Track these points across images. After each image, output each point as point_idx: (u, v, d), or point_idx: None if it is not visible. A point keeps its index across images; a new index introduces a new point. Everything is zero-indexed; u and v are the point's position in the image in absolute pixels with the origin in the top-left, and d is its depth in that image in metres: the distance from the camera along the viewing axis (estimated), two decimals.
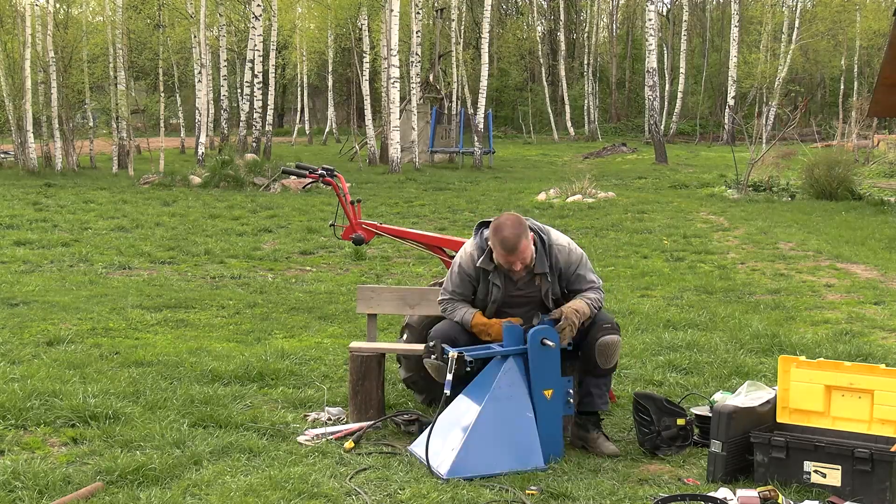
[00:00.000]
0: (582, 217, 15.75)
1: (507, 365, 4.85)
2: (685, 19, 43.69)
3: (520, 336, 4.87)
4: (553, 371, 4.86)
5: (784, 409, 4.77)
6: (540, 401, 4.83)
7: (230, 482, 4.40)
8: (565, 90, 45.50)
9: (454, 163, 29.47)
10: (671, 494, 4.30)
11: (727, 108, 35.72)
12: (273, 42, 32.82)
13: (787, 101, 30.99)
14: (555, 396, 4.85)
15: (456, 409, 4.91)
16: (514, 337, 4.89)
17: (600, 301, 5.12)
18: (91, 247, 12.48)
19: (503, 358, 4.88)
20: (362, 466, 4.70)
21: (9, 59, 24.83)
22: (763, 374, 6.22)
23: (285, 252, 12.46)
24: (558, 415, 4.87)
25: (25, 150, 24.09)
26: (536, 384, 4.84)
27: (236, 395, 5.84)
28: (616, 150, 33.98)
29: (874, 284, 9.87)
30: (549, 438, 4.81)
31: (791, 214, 15.94)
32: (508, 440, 4.73)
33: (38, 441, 4.93)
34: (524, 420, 4.78)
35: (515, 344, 4.88)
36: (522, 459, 4.69)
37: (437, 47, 34.62)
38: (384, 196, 18.73)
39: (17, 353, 6.73)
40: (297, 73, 42.57)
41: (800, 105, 22.46)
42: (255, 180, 20.46)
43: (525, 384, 4.84)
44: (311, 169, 6.71)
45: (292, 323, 8.17)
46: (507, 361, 4.86)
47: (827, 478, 4.38)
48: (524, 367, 4.86)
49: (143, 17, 32.07)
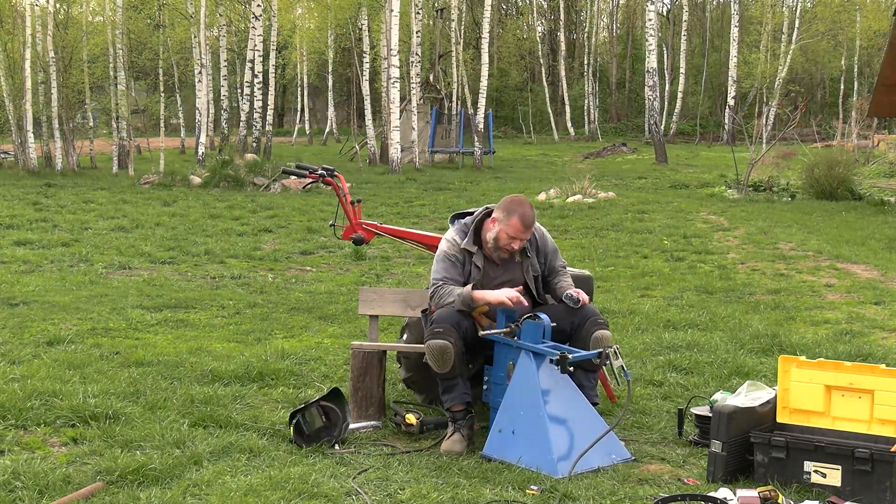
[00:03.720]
0: (582, 217, 15.75)
1: (518, 365, 4.92)
2: (685, 19, 43.67)
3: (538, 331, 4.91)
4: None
5: (784, 409, 4.78)
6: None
7: (230, 482, 4.40)
8: (565, 90, 45.48)
9: (454, 163, 29.46)
10: (671, 494, 4.30)
11: (727, 108, 35.70)
12: (273, 42, 32.81)
13: (787, 101, 30.96)
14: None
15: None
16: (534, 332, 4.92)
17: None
18: (91, 247, 12.48)
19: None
20: (362, 467, 4.70)
21: (9, 59, 24.81)
22: (763, 374, 6.22)
23: (285, 252, 12.46)
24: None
25: (25, 150, 24.08)
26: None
27: (236, 395, 5.84)
28: (616, 150, 33.96)
29: (874, 284, 9.87)
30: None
31: (791, 214, 15.94)
32: (523, 440, 4.77)
33: (38, 441, 4.93)
34: (536, 419, 4.80)
35: (534, 339, 4.91)
36: (535, 459, 4.68)
37: (437, 47, 34.61)
38: (384, 196, 18.72)
39: (17, 353, 6.73)
40: (297, 73, 42.54)
41: (800, 105, 22.43)
42: (256, 180, 20.46)
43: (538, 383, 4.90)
44: (311, 169, 6.72)
45: (292, 323, 8.17)
46: (519, 361, 4.92)
47: (827, 478, 4.38)
48: None
49: (143, 17, 32.07)
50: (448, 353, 4.97)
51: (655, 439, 5.19)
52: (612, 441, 4.83)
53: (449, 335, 4.99)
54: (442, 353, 4.98)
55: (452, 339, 4.99)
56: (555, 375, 4.81)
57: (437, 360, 5.01)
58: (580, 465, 4.61)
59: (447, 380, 5.09)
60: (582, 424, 4.80)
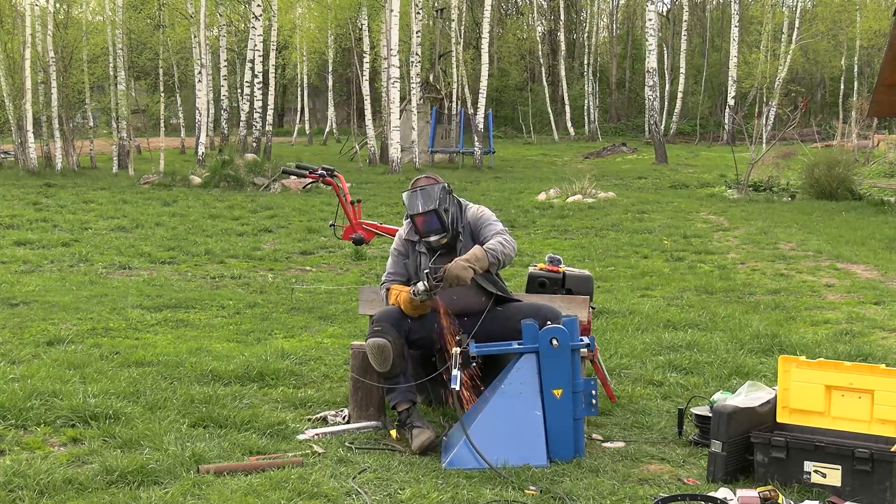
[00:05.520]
0: (582, 217, 15.75)
1: (520, 363, 4.89)
2: (685, 19, 43.70)
3: (535, 334, 4.89)
4: (562, 371, 4.86)
5: (784, 409, 4.78)
6: (550, 400, 4.85)
7: (230, 482, 4.40)
8: (565, 90, 45.49)
9: (454, 163, 29.46)
10: (671, 494, 4.30)
11: (727, 108, 35.71)
12: (273, 42, 32.81)
13: (787, 101, 30.93)
14: (565, 396, 4.86)
15: (476, 404, 4.98)
16: (529, 335, 4.91)
17: (505, 242, 5.17)
18: (91, 247, 12.48)
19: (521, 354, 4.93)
20: (362, 467, 4.70)
21: (9, 59, 24.82)
22: (763, 374, 6.22)
23: (285, 252, 12.46)
24: (568, 414, 4.86)
25: (25, 150, 24.09)
26: (546, 383, 4.87)
27: (236, 395, 5.84)
28: (616, 150, 33.97)
29: (874, 284, 9.87)
30: (558, 438, 4.83)
31: (791, 214, 15.94)
32: (512, 436, 4.76)
33: (38, 441, 4.93)
34: (531, 418, 4.81)
35: (531, 342, 4.90)
36: (524, 456, 4.71)
37: (437, 47, 34.64)
38: (384, 196, 18.72)
39: (17, 353, 6.73)
40: (297, 73, 42.55)
41: (800, 105, 22.43)
42: (256, 180, 20.46)
43: (538, 383, 4.87)
44: (311, 169, 6.73)
45: (292, 323, 8.16)
46: (522, 359, 4.89)
47: (827, 478, 4.38)
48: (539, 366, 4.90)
49: (143, 17, 32.08)
50: (386, 351, 4.97)
51: (655, 439, 5.19)
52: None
53: (387, 333, 5.01)
54: (381, 351, 4.99)
55: (391, 337, 5.00)
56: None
57: (377, 359, 5.02)
58: (469, 462, 4.66)
59: (389, 378, 5.08)
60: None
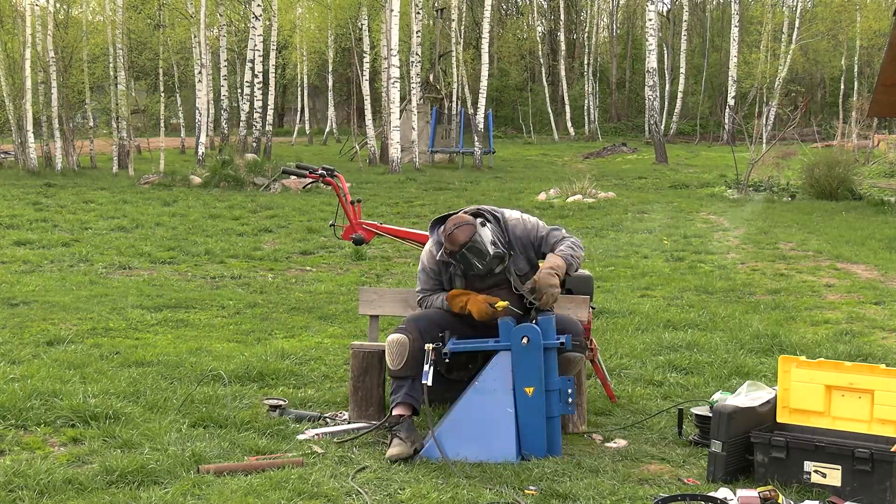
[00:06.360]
0: (582, 217, 15.75)
1: (495, 360, 4.92)
2: (685, 19, 43.70)
3: (510, 332, 4.90)
4: (534, 369, 4.86)
5: (784, 409, 4.78)
6: (521, 398, 4.86)
7: (230, 482, 4.40)
8: (565, 90, 45.49)
9: (454, 163, 29.46)
10: (671, 494, 4.30)
11: (727, 108, 35.70)
12: (273, 42, 32.81)
13: (787, 101, 30.94)
14: (537, 394, 4.86)
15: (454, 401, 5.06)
16: (506, 332, 4.92)
17: (575, 246, 5.10)
18: (91, 247, 12.48)
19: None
20: (362, 466, 4.70)
21: (9, 59, 24.82)
22: (763, 374, 6.22)
23: (285, 252, 12.46)
24: (540, 412, 4.86)
25: (25, 150, 24.08)
26: (518, 381, 4.88)
27: (236, 395, 5.84)
28: (616, 150, 33.98)
29: (874, 284, 9.87)
30: (531, 435, 4.85)
31: (791, 214, 15.95)
32: (484, 432, 4.84)
33: (38, 441, 4.93)
34: (503, 415, 4.86)
35: (506, 339, 4.91)
36: (495, 451, 4.78)
37: (437, 47, 34.64)
38: (384, 196, 18.73)
39: (17, 353, 6.73)
40: (297, 73, 42.54)
41: (800, 105, 22.46)
42: (256, 180, 20.46)
43: (510, 380, 4.90)
44: (311, 169, 6.71)
45: (292, 323, 8.17)
46: (497, 356, 4.92)
47: (827, 478, 4.38)
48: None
49: (143, 17, 32.04)
50: (403, 347, 4.93)
51: (655, 439, 5.20)
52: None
53: (410, 332, 4.99)
54: (398, 346, 4.95)
55: (412, 336, 4.96)
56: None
57: (392, 355, 4.97)
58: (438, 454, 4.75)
59: (398, 379, 5.01)
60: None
